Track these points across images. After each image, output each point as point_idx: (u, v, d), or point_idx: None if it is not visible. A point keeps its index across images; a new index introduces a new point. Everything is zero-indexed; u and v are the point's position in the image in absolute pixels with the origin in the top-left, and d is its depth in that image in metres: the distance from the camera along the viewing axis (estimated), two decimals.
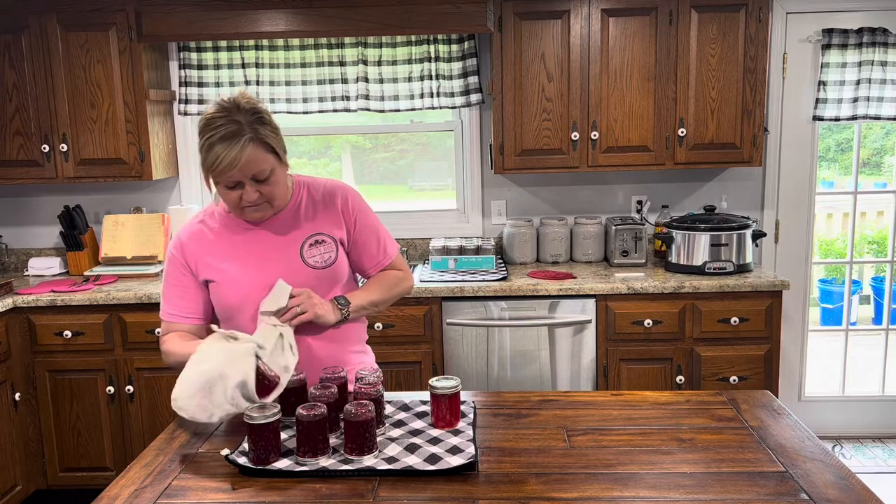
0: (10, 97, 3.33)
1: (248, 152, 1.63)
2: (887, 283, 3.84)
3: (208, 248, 1.81)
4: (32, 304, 3.12)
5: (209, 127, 1.64)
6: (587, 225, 3.55)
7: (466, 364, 3.14)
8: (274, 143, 1.69)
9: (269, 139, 1.68)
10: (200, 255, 1.80)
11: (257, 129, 1.65)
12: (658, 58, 3.23)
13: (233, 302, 1.79)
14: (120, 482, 1.47)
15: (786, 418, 1.71)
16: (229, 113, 1.65)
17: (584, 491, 1.39)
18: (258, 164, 1.66)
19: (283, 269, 1.78)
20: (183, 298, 1.82)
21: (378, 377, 1.71)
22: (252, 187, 1.69)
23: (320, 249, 1.82)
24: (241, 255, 1.79)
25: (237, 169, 1.64)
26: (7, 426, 3.06)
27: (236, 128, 1.63)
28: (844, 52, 3.42)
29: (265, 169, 1.68)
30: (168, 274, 1.83)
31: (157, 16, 3.25)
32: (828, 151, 3.98)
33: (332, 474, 1.47)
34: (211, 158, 1.63)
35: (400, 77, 3.51)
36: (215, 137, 1.63)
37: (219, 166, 1.63)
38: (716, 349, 3.09)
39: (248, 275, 1.78)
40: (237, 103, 1.66)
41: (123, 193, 3.75)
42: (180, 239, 1.83)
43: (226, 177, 1.66)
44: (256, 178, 1.68)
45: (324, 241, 1.82)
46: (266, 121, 1.69)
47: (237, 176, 1.66)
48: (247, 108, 1.66)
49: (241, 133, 1.63)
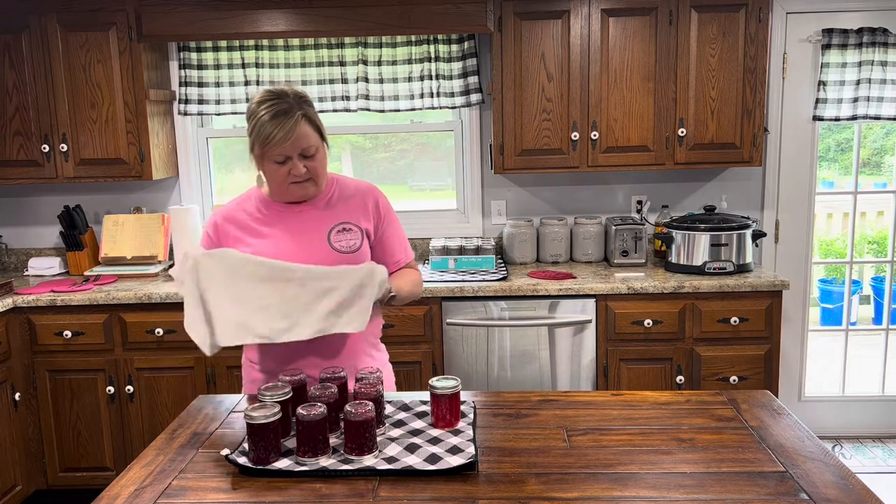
0: (10, 97, 3.33)
1: (300, 127, 1.78)
2: (887, 283, 3.84)
3: (241, 224, 1.92)
4: (32, 304, 3.12)
5: (261, 106, 1.78)
6: (587, 225, 3.55)
7: (466, 364, 3.14)
8: (319, 124, 1.85)
9: (315, 119, 1.84)
10: (232, 233, 1.92)
11: (306, 109, 1.81)
12: (658, 58, 3.23)
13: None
14: (120, 482, 1.47)
15: (786, 418, 1.71)
16: (278, 96, 1.79)
17: (584, 491, 1.39)
18: (307, 140, 1.81)
19: (310, 251, 1.88)
20: None
21: (379, 377, 1.71)
22: (300, 162, 1.82)
23: (347, 236, 1.92)
24: (272, 234, 1.90)
25: (290, 142, 1.77)
26: (7, 426, 3.06)
27: (287, 106, 1.78)
28: (844, 52, 3.42)
29: (313, 145, 1.82)
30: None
31: (157, 16, 3.25)
32: (828, 151, 3.98)
33: (332, 474, 1.47)
34: (265, 133, 1.76)
35: (400, 77, 3.51)
36: (267, 115, 1.77)
37: (273, 139, 1.76)
38: (716, 349, 3.09)
39: (275, 252, 1.86)
40: (284, 90, 1.82)
41: (123, 193, 3.75)
42: (215, 219, 1.96)
43: (278, 150, 1.79)
44: (304, 154, 1.82)
45: (351, 229, 1.93)
46: (310, 102, 1.85)
47: (288, 150, 1.79)
48: (296, 93, 1.82)
49: (293, 110, 1.78)
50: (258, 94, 1.82)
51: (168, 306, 3.13)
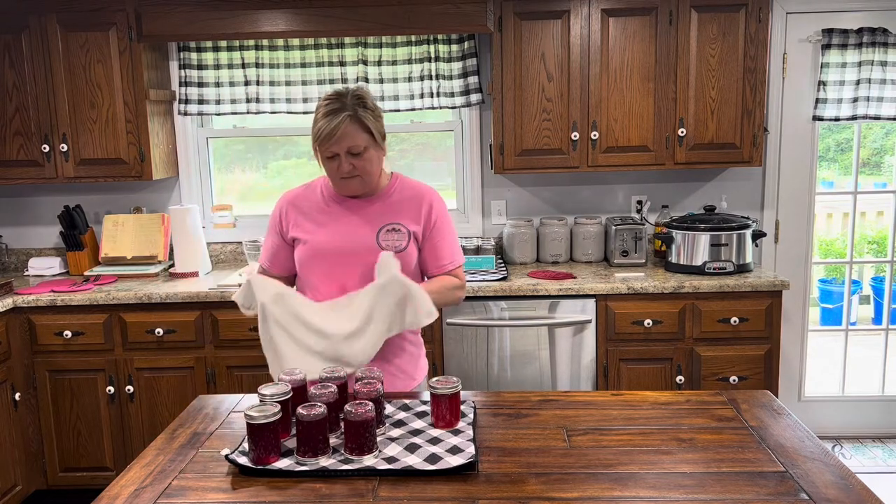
0: (10, 97, 3.33)
1: (344, 126, 1.87)
2: (887, 283, 3.84)
3: (303, 210, 2.04)
4: (32, 304, 3.12)
5: (320, 104, 1.91)
6: (587, 225, 3.55)
7: (466, 364, 3.14)
8: (371, 125, 1.91)
9: (366, 120, 1.90)
10: (294, 216, 2.04)
11: (357, 110, 1.89)
12: (658, 58, 3.23)
13: (307, 259, 2.01)
14: (120, 482, 1.47)
15: (786, 418, 1.71)
16: (339, 96, 1.91)
17: (584, 491, 1.39)
18: (352, 139, 1.89)
19: (359, 245, 1.97)
20: (271, 253, 2.10)
21: (379, 377, 1.71)
22: (346, 160, 1.90)
23: (394, 236, 1.99)
24: (328, 224, 2.00)
25: (334, 140, 1.87)
26: (7, 426, 3.06)
27: (339, 106, 1.88)
28: (844, 52, 3.42)
29: (359, 144, 1.90)
30: (269, 228, 2.11)
31: (157, 16, 3.25)
32: (828, 151, 3.98)
33: (332, 474, 1.47)
34: (315, 130, 1.90)
35: (400, 77, 3.51)
36: (320, 113, 1.89)
37: (319, 137, 1.88)
38: (716, 349, 3.09)
39: (327, 240, 1.98)
40: (348, 89, 1.93)
41: (123, 193, 3.75)
42: (283, 201, 2.08)
43: (325, 147, 1.89)
44: (351, 152, 1.90)
45: (399, 229, 2.00)
46: (368, 106, 1.93)
47: (335, 147, 1.88)
48: (353, 94, 1.92)
49: (342, 110, 1.87)
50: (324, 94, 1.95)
51: (168, 306, 3.13)
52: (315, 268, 1.99)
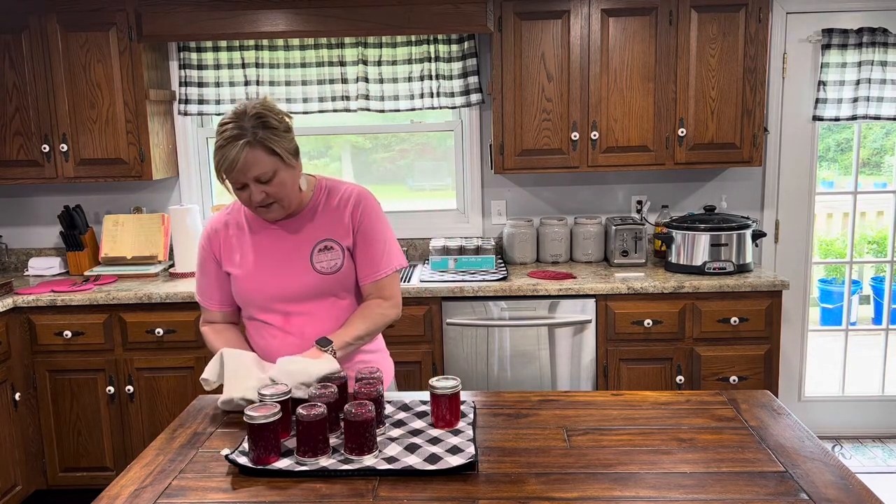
0: (10, 97, 3.33)
1: (245, 155, 1.71)
2: (887, 283, 3.84)
3: (230, 240, 1.93)
4: (32, 304, 3.12)
5: (218, 131, 1.76)
6: (587, 225, 3.55)
7: (466, 364, 3.14)
8: (276, 147, 1.74)
9: (269, 142, 1.73)
10: (223, 246, 1.94)
11: (257, 133, 1.72)
12: (658, 58, 3.23)
13: (245, 295, 1.92)
14: (120, 482, 1.47)
15: (786, 418, 1.71)
16: (237, 118, 1.73)
17: (584, 491, 1.39)
18: (258, 167, 1.73)
19: (293, 271, 1.88)
20: (211, 287, 1.98)
21: (379, 377, 1.71)
22: (256, 188, 1.76)
23: (328, 256, 1.89)
24: (257, 252, 1.90)
25: (236, 171, 1.73)
26: (7, 426, 3.06)
27: (238, 132, 1.71)
28: (844, 52, 3.42)
29: (266, 171, 1.74)
30: (199, 261, 1.98)
31: (157, 16, 3.25)
32: (828, 151, 3.98)
33: (332, 474, 1.47)
34: (216, 160, 1.74)
35: (400, 77, 3.51)
36: (220, 141, 1.74)
37: (221, 167, 1.74)
38: (716, 349, 3.09)
39: (260, 271, 1.89)
40: (246, 108, 1.74)
41: (123, 193, 3.75)
42: (208, 229, 1.97)
43: (231, 178, 1.75)
44: (259, 180, 1.75)
45: (332, 247, 1.89)
46: (271, 125, 1.74)
47: (240, 177, 1.74)
48: (252, 114, 1.73)
49: (241, 137, 1.71)
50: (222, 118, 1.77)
51: (168, 306, 3.13)
52: (252, 300, 1.91)
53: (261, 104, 1.76)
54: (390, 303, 1.95)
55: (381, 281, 1.93)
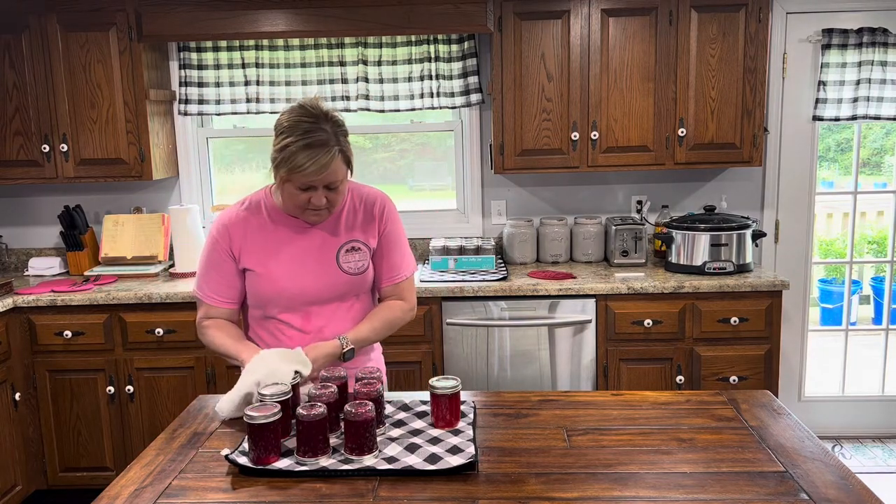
0: (10, 97, 3.33)
1: (335, 163, 1.72)
2: (887, 283, 3.84)
3: (253, 237, 1.88)
4: (32, 304, 3.12)
5: (296, 130, 1.70)
6: (587, 225, 3.55)
7: (466, 364, 3.14)
8: (350, 155, 1.78)
9: (348, 153, 1.77)
10: (244, 243, 1.88)
11: (342, 142, 1.75)
12: (658, 58, 3.23)
13: (267, 294, 1.89)
14: (120, 482, 1.47)
15: (786, 418, 1.71)
16: (317, 120, 1.72)
17: (584, 491, 1.39)
18: (336, 175, 1.75)
19: (320, 271, 1.87)
20: (221, 284, 1.92)
21: (378, 377, 1.71)
22: (322, 193, 1.77)
23: (355, 257, 1.90)
24: (283, 251, 1.87)
25: (320, 176, 1.72)
26: (7, 426, 3.06)
27: (325, 137, 1.70)
28: (844, 52, 3.42)
29: (340, 179, 1.77)
30: (209, 255, 1.91)
31: (157, 16, 3.25)
32: (828, 151, 3.98)
33: (332, 474, 1.47)
34: (296, 162, 1.69)
35: (400, 77, 3.51)
36: (303, 143, 1.69)
37: (304, 170, 1.69)
38: (716, 349, 3.09)
39: (286, 271, 1.87)
40: (325, 112, 1.74)
41: (123, 193, 3.75)
42: (225, 223, 1.89)
43: (304, 179, 1.72)
44: (329, 186, 1.77)
45: (359, 248, 1.91)
46: (347, 133, 1.78)
47: (314, 181, 1.73)
48: (333, 120, 1.74)
49: (330, 143, 1.71)
50: (293, 112, 1.74)
51: (168, 306, 3.13)
52: (274, 299, 1.89)
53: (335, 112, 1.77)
54: (409, 306, 2.00)
55: (401, 284, 1.98)
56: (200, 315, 1.98)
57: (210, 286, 1.93)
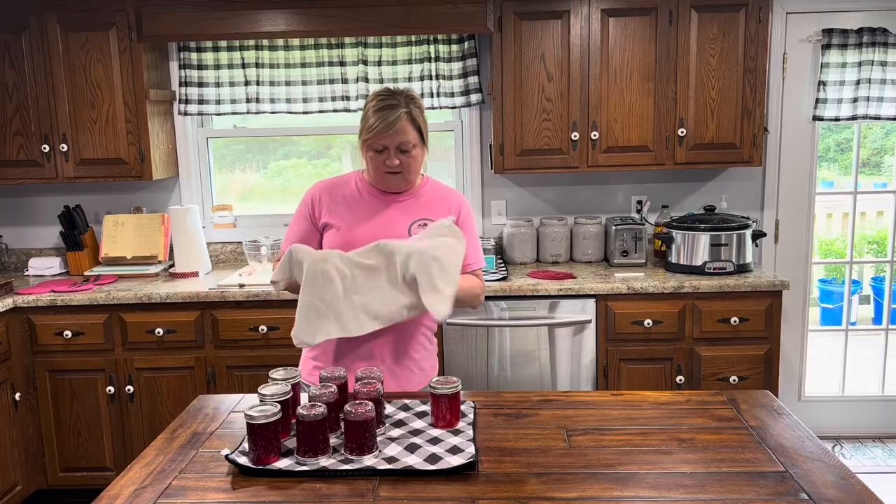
0: (10, 97, 3.33)
1: (401, 122, 1.93)
2: (887, 283, 3.84)
3: (337, 199, 2.07)
4: (32, 304, 3.12)
5: (372, 100, 1.96)
6: (587, 225, 3.55)
7: (466, 364, 3.14)
8: (421, 124, 1.98)
9: (417, 118, 1.97)
10: (330, 205, 2.07)
11: (411, 108, 1.96)
12: (658, 58, 3.23)
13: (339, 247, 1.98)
14: (120, 482, 1.47)
15: (786, 418, 1.71)
16: (391, 94, 1.97)
17: (584, 491, 1.39)
18: (405, 135, 1.95)
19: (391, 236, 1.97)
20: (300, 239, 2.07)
21: (379, 377, 1.71)
22: (395, 154, 1.96)
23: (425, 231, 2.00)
24: (361, 214, 2.05)
25: (389, 134, 1.92)
26: (7, 426, 3.06)
27: (395, 101, 1.95)
28: (844, 52, 3.42)
29: (409, 141, 1.96)
30: (297, 212, 2.12)
31: (157, 16, 3.25)
32: (828, 151, 3.98)
33: (333, 474, 1.47)
34: (370, 123, 1.93)
35: (400, 77, 3.51)
36: (375, 107, 1.94)
37: (375, 128, 1.92)
38: (716, 349, 3.09)
39: (361, 229, 2.02)
40: (402, 90, 1.99)
41: (123, 193, 3.75)
42: (316, 187, 2.11)
43: (377, 140, 1.94)
44: (400, 148, 1.96)
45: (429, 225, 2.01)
46: (419, 104, 2.00)
47: (386, 141, 1.94)
48: (408, 95, 1.98)
49: (398, 106, 1.94)
50: (375, 91, 2.00)
51: (168, 306, 3.13)
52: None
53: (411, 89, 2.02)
54: (484, 286, 2.12)
55: (478, 271, 2.10)
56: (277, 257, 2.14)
57: (289, 238, 2.11)
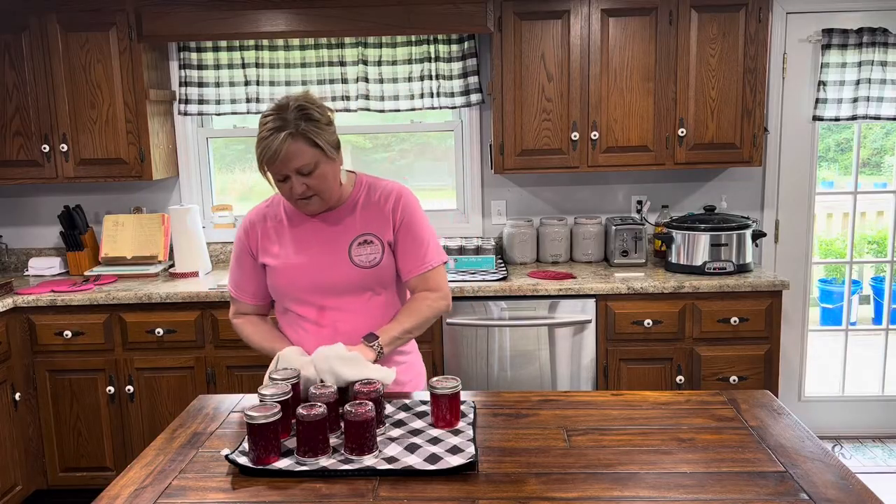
0: (10, 97, 3.33)
1: (287, 146, 1.72)
2: (887, 283, 3.84)
3: (268, 232, 1.94)
4: (32, 304, 3.12)
5: (260, 123, 1.77)
6: (587, 225, 3.55)
7: (466, 364, 3.14)
8: (318, 139, 1.76)
9: (311, 134, 1.75)
10: (261, 238, 1.94)
11: (300, 125, 1.74)
12: (658, 58, 3.23)
13: (280, 286, 1.93)
14: (120, 482, 1.47)
15: (786, 418, 1.71)
16: (279, 111, 1.75)
17: (584, 491, 1.39)
18: (299, 158, 1.75)
19: (331, 263, 1.88)
20: (243, 279, 1.99)
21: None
22: (298, 180, 1.77)
23: (367, 250, 1.89)
24: (295, 244, 1.91)
25: (278, 162, 1.74)
26: (7, 426, 3.06)
27: (280, 123, 1.73)
28: (844, 52, 3.42)
29: (308, 163, 1.76)
30: (234, 252, 1.99)
31: (157, 16, 3.25)
32: (828, 151, 3.98)
33: (333, 474, 1.47)
34: (258, 151, 1.75)
35: (400, 77, 3.51)
36: (262, 133, 1.75)
37: (263, 159, 1.75)
38: (716, 349, 3.09)
39: (297, 263, 1.89)
40: (288, 101, 1.77)
41: (123, 193, 3.75)
42: (246, 220, 1.98)
43: (272, 169, 1.77)
44: (300, 172, 1.77)
45: (371, 241, 1.90)
46: (313, 117, 1.76)
47: (282, 169, 1.75)
48: (294, 106, 1.75)
49: (284, 128, 1.72)
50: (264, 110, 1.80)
51: (168, 306, 3.13)
52: (288, 292, 1.91)
53: (303, 97, 1.79)
54: (438, 294, 1.94)
55: (426, 274, 1.93)
56: (232, 311, 2.06)
57: (234, 281, 2.01)
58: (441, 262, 1.96)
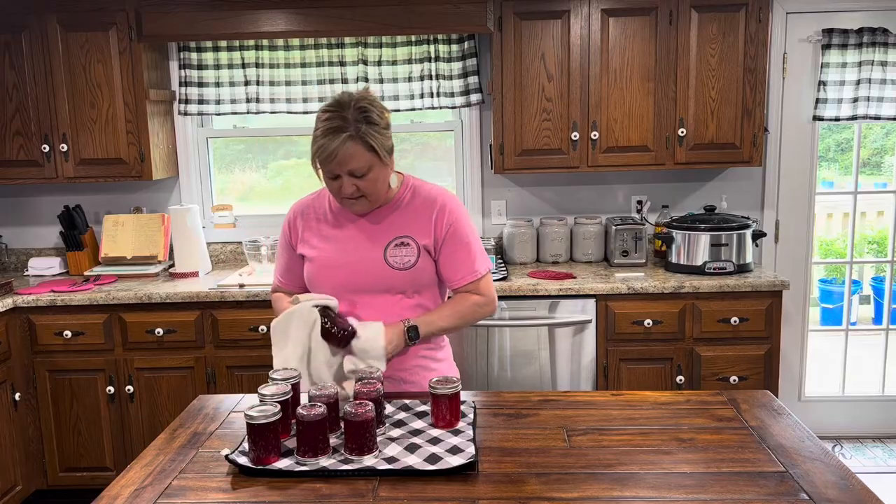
0: (10, 97, 3.33)
1: (346, 148, 1.72)
2: (887, 283, 3.84)
3: (310, 225, 1.96)
4: (32, 304, 3.12)
5: (319, 119, 1.77)
6: (587, 225, 3.55)
7: (466, 364, 3.14)
8: (375, 143, 1.75)
9: (369, 138, 1.74)
10: (303, 230, 1.97)
11: (360, 128, 1.73)
12: (658, 58, 3.23)
13: (314, 279, 1.94)
14: (120, 482, 1.47)
15: (786, 418, 1.71)
16: (340, 108, 1.74)
17: (584, 491, 1.39)
18: (355, 161, 1.75)
19: (367, 263, 1.89)
20: (282, 267, 2.04)
21: (379, 377, 1.71)
22: (349, 181, 1.78)
23: (403, 251, 1.89)
24: (334, 239, 1.92)
25: (334, 163, 1.74)
26: (7, 426, 3.06)
27: (341, 123, 1.73)
28: (844, 52, 3.42)
29: (362, 166, 1.76)
30: (280, 242, 2.04)
31: (157, 16, 3.25)
32: (828, 151, 3.98)
33: (333, 474, 1.47)
34: (314, 149, 1.76)
35: (400, 77, 3.51)
36: (320, 130, 1.74)
37: (319, 157, 1.75)
38: (716, 349, 3.09)
39: (333, 258, 1.91)
40: (350, 99, 1.75)
41: (123, 193, 3.75)
42: (291, 212, 2.01)
43: (325, 168, 1.78)
44: (353, 174, 1.77)
45: (408, 244, 1.89)
46: (373, 120, 1.75)
47: (335, 169, 1.76)
48: (357, 106, 1.74)
49: (344, 129, 1.72)
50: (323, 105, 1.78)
51: (168, 306, 3.13)
52: (323, 285, 1.91)
53: (364, 96, 1.77)
54: (485, 300, 1.96)
55: (476, 282, 1.94)
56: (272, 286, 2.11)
57: (278, 268, 2.06)
58: (487, 270, 1.97)
